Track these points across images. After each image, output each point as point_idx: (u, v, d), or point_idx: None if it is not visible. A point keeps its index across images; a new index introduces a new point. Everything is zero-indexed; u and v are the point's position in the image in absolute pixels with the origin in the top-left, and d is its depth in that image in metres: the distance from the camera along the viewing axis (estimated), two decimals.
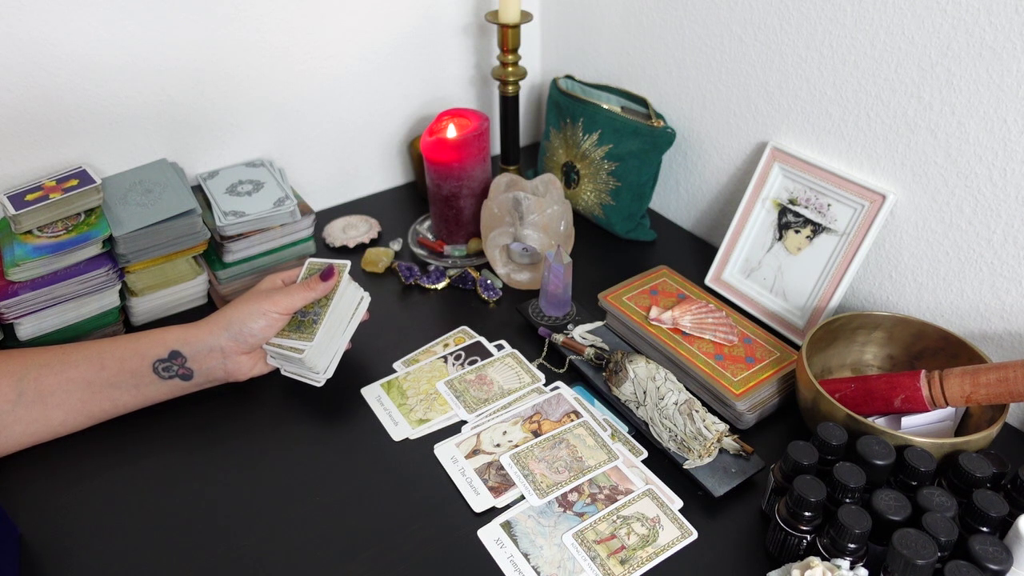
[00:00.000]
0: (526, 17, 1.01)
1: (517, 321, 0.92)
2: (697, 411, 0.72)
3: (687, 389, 0.77)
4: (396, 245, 1.05)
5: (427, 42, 1.12)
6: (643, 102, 1.00)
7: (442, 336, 0.89)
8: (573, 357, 0.84)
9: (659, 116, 0.98)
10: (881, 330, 0.79)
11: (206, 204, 0.93)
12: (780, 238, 0.90)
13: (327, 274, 0.78)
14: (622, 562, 0.64)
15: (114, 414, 0.74)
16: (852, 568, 0.57)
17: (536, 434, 0.76)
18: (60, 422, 0.71)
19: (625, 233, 1.06)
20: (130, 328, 0.89)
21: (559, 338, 0.85)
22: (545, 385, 0.82)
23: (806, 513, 0.60)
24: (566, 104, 1.05)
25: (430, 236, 1.06)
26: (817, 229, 0.86)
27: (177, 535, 0.66)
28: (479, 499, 0.69)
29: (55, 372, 0.70)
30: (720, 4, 0.92)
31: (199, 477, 0.72)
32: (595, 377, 0.81)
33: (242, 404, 0.79)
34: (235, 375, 0.77)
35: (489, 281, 0.96)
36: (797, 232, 0.88)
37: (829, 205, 0.85)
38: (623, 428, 0.77)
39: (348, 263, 0.81)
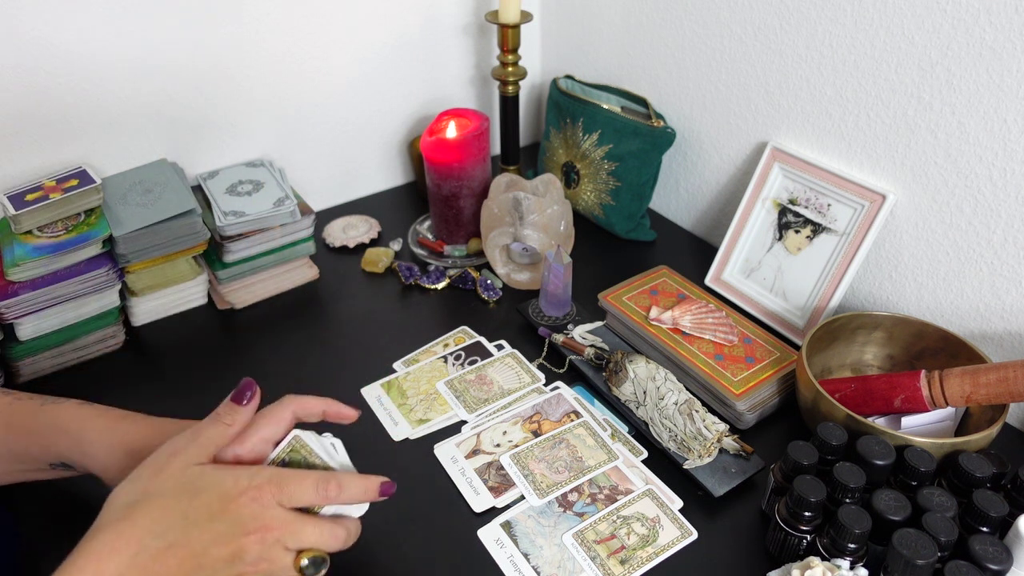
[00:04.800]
0: (526, 17, 1.01)
1: (517, 321, 0.92)
2: (697, 411, 0.72)
3: (687, 389, 0.77)
4: (396, 245, 1.05)
5: (427, 42, 1.12)
6: (643, 102, 1.00)
7: (442, 336, 0.89)
8: (573, 357, 0.84)
9: (659, 116, 0.98)
10: (881, 330, 0.79)
11: (206, 204, 0.93)
12: (780, 238, 0.90)
13: (238, 396, 0.55)
14: (622, 562, 0.64)
15: (36, 480, 0.64)
16: (852, 568, 0.57)
17: (536, 434, 0.76)
18: None
19: (625, 233, 1.06)
20: (130, 328, 0.89)
21: (559, 338, 0.85)
22: (545, 385, 0.82)
23: (806, 513, 0.60)
24: (566, 104, 1.05)
25: (430, 236, 1.06)
26: (817, 229, 0.86)
27: None
28: (479, 499, 0.69)
29: None
30: (720, 4, 0.92)
31: None
32: (595, 377, 0.81)
33: None
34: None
35: (489, 281, 0.96)
36: (797, 232, 0.88)
37: (829, 205, 0.85)
38: (623, 428, 0.77)
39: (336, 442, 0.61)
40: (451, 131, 0.96)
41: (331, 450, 0.58)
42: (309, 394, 0.60)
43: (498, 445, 0.74)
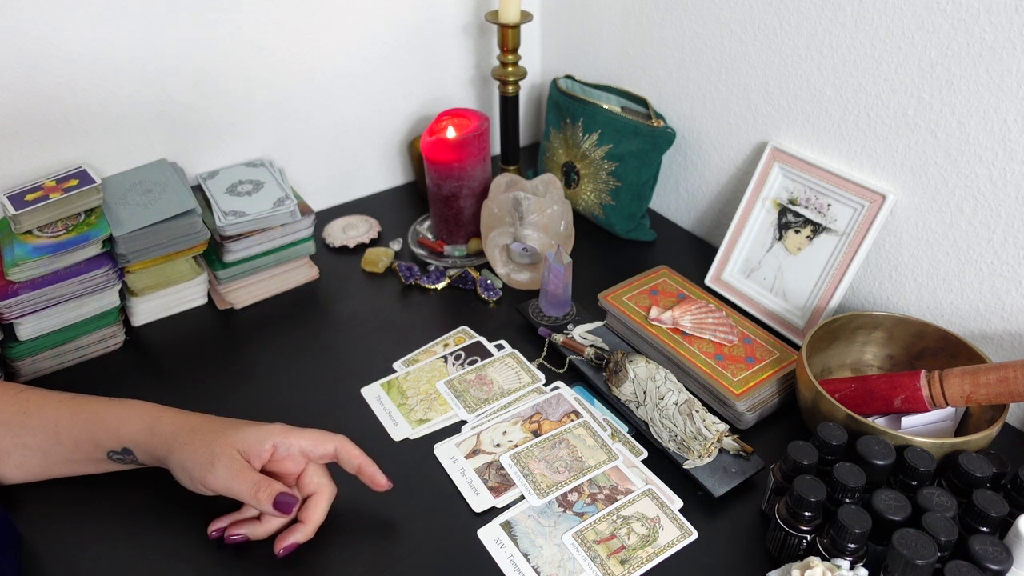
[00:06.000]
0: (526, 17, 1.01)
1: (517, 321, 0.92)
2: (697, 411, 0.72)
3: (687, 389, 0.77)
4: (396, 245, 1.05)
5: (427, 42, 1.12)
6: (643, 102, 1.00)
7: (442, 336, 0.89)
8: (573, 357, 0.84)
9: (659, 116, 0.98)
10: (881, 330, 0.79)
11: (206, 204, 0.93)
12: (780, 238, 0.90)
13: (283, 506, 0.61)
14: (622, 562, 0.64)
15: (79, 474, 0.69)
16: (852, 568, 0.57)
17: (536, 434, 0.76)
18: (18, 479, 0.68)
19: (625, 233, 1.06)
20: (130, 328, 0.89)
21: (559, 338, 0.85)
22: (545, 385, 0.82)
23: (806, 513, 0.60)
24: (566, 104, 1.05)
25: (430, 236, 1.06)
26: (817, 229, 0.86)
27: (177, 535, 0.66)
28: (479, 499, 0.69)
29: (13, 434, 0.66)
30: (720, 4, 0.92)
31: None
32: (595, 377, 0.81)
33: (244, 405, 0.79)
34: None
35: (489, 281, 0.96)
36: (797, 232, 0.88)
37: (829, 205, 0.85)
38: (623, 428, 0.77)
39: None
40: (451, 131, 0.96)
41: None
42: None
43: (498, 445, 0.74)
